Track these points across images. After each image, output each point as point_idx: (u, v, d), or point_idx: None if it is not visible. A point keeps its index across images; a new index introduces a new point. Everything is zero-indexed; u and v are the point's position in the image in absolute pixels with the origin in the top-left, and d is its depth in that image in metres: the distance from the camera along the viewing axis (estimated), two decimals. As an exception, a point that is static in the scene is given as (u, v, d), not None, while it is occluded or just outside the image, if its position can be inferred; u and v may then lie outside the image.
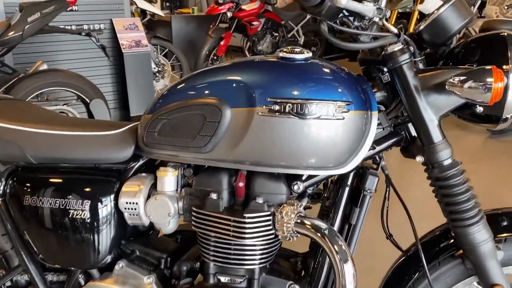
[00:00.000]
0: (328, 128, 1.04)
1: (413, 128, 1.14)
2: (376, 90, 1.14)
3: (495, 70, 0.95)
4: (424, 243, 1.21)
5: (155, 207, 1.17)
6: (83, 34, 3.24)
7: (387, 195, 1.27)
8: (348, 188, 1.18)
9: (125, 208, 1.20)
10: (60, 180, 1.24)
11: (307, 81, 1.05)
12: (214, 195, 1.12)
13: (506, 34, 1.06)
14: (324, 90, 1.04)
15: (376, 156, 1.18)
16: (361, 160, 1.08)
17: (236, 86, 1.08)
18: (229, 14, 6.32)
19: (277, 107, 1.03)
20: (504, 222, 1.15)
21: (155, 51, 4.91)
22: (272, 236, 1.11)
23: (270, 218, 1.09)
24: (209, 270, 1.17)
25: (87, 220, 1.20)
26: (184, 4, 8.70)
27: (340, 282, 1.02)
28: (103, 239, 1.22)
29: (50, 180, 1.24)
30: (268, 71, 1.09)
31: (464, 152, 3.57)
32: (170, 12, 7.87)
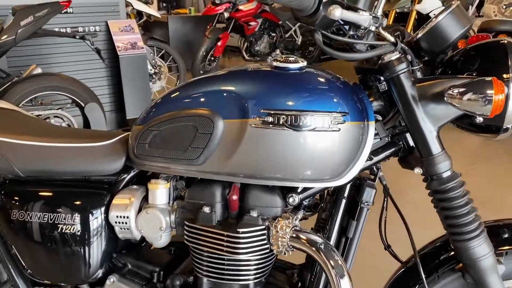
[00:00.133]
0: (324, 140, 1.01)
1: (411, 138, 1.11)
2: (373, 99, 1.11)
3: (496, 82, 0.91)
4: (423, 255, 1.18)
5: (147, 221, 1.14)
6: (77, 37, 3.20)
7: (385, 205, 1.24)
8: (344, 200, 1.15)
9: (115, 222, 1.17)
10: (49, 194, 1.21)
11: (301, 91, 1.02)
12: (207, 209, 1.09)
13: (506, 42, 1.03)
14: (319, 101, 1.01)
15: (374, 166, 1.15)
16: (358, 172, 1.05)
17: (229, 97, 1.05)
18: (226, 14, 6.29)
19: (270, 119, 1.00)
20: (505, 235, 1.12)
21: (151, 52, 4.86)
22: (267, 250, 1.08)
23: (265, 232, 1.06)
24: (202, 285, 1.14)
25: (77, 234, 1.17)
26: (181, 5, 8.66)
27: None
28: (94, 253, 1.19)
29: (39, 193, 1.21)
30: (261, 81, 1.06)
31: (462, 154, 3.54)
32: (167, 12, 7.83)
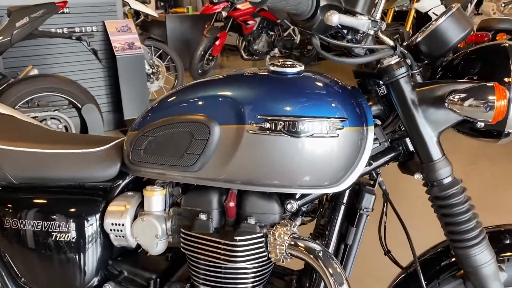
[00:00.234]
0: (322, 146, 0.99)
1: (411, 143, 1.09)
2: (372, 104, 1.09)
3: (498, 87, 0.89)
4: (424, 261, 1.16)
5: (142, 228, 1.12)
6: (74, 38, 3.18)
7: (384, 210, 1.22)
8: (343, 206, 1.13)
9: (110, 229, 1.15)
10: (43, 201, 1.19)
11: (299, 96, 1.00)
12: (203, 216, 1.07)
13: (507, 45, 1.01)
14: (317, 106, 0.99)
15: (373, 172, 1.13)
16: (357, 177, 1.03)
17: (225, 102, 1.03)
18: (224, 13, 6.26)
19: (267, 125, 0.98)
20: (506, 240, 1.10)
21: (149, 52, 4.84)
22: (265, 258, 1.07)
23: (263, 240, 1.04)
24: (199, 293, 1.12)
25: (72, 242, 1.15)
26: (178, 4, 8.62)
27: None
28: (89, 261, 1.17)
29: (32, 200, 1.19)
30: (258, 86, 1.04)
31: (462, 154, 3.53)
32: (165, 11, 7.79)
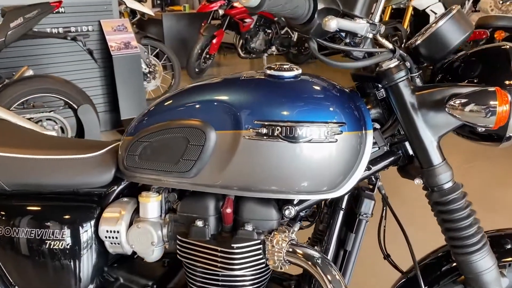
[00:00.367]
0: (320, 151, 0.97)
1: (410, 148, 1.07)
2: (371, 107, 1.07)
3: (499, 92, 0.87)
4: (424, 266, 1.15)
5: (138, 235, 1.10)
6: (69, 38, 3.15)
7: (384, 214, 1.21)
8: (342, 212, 1.11)
9: (105, 236, 1.13)
10: (36, 208, 1.16)
11: (296, 101, 0.98)
12: (200, 222, 1.06)
13: (507, 47, 0.99)
14: (315, 111, 0.97)
15: (372, 176, 1.11)
16: (356, 182, 1.01)
17: (221, 108, 1.01)
18: (221, 11, 6.24)
19: (264, 130, 0.96)
20: (508, 245, 1.09)
21: (145, 51, 4.80)
22: (263, 265, 1.05)
23: (260, 247, 1.03)
24: (196, 300, 1.10)
25: (66, 249, 1.13)
26: (175, 2, 8.59)
27: None
28: (84, 268, 1.15)
29: (26, 208, 1.16)
30: (255, 91, 1.02)
31: (460, 152, 3.51)
32: (161, 10, 7.76)
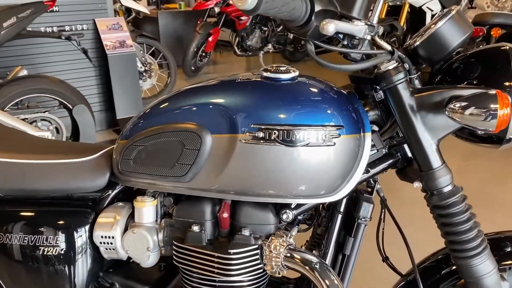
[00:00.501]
0: (318, 155, 0.96)
1: (409, 150, 1.06)
2: (369, 109, 1.06)
3: (500, 95, 0.86)
4: (424, 269, 1.14)
5: (133, 240, 1.09)
6: (63, 38, 3.11)
7: (382, 217, 1.20)
8: (341, 216, 1.10)
9: (100, 242, 1.11)
10: (30, 213, 1.14)
11: (293, 104, 0.96)
12: (196, 228, 1.04)
13: (507, 48, 0.98)
14: (312, 114, 0.96)
15: (371, 179, 1.10)
16: (354, 185, 1.00)
17: (217, 111, 0.99)
18: (216, 9, 6.20)
19: (261, 134, 0.95)
20: (507, 248, 1.08)
21: (141, 50, 4.77)
22: (261, 270, 1.03)
23: (258, 252, 1.01)
24: (193, 306, 1.09)
25: (60, 255, 1.11)
26: (170, -1, 8.53)
27: None
28: (79, 274, 1.13)
29: (19, 213, 1.14)
30: (251, 93, 1.00)
31: (458, 150, 3.50)
32: (157, 7, 7.71)
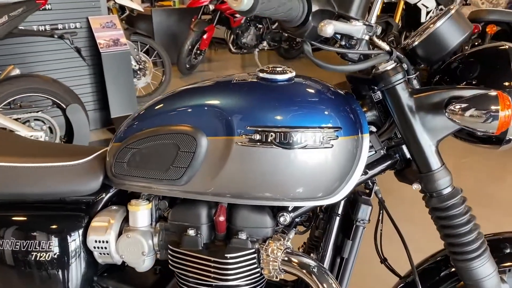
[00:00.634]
0: (316, 157, 0.94)
1: (408, 152, 1.05)
2: (366, 110, 1.05)
3: (501, 96, 0.84)
4: (423, 271, 1.13)
5: (128, 245, 1.07)
6: (56, 36, 3.07)
7: (380, 218, 1.18)
8: (338, 218, 1.08)
9: (94, 247, 1.09)
10: (22, 218, 1.12)
11: (290, 105, 0.95)
12: (192, 231, 1.02)
13: (507, 47, 0.97)
14: (309, 116, 0.94)
15: (369, 181, 1.09)
16: (352, 188, 0.98)
17: (212, 113, 0.97)
18: (211, 6, 6.17)
19: (258, 137, 0.93)
20: (507, 249, 1.07)
21: (135, 48, 4.73)
22: (258, 274, 1.02)
23: (255, 256, 1.00)
24: (189, 311, 1.07)
25: (53, 260, 1.09)
26: (165, -4, 8.48)
27: None
28: (72, 279, 1.11)
29: (10, 218, 1.12)
30: (247, 95, 0.98)
31: (453, 147, 3.50)
32: (151, 5, 7.66)
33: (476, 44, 3.77)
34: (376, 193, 1.12)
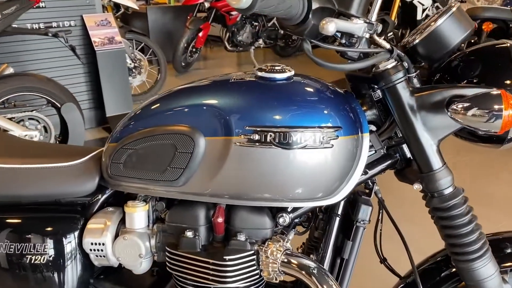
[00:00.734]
0: (315, 158, 0.93)
1: (408, 149, 1.03)
2: (366, 108, 1.03)
3: (505, 95, 0.83)
4: (423, 271, 1.12)
5: (124, 247, 1.05)
6: (50, 34, 3.04)
7: (380, 218, 1.17)
8: (338, 218, 1.07)
9: (90, 249, 1.07)
10: (16, 220, 1.10)
11: (289, 105, 0.93)
12: (190, 233, 1.00)
13: (508, 45, 0.95)
14: (309, 115, 0.92)
15: (369, 180, 1.07)
16: (352, 188, 0.97)
17: (210, 112, 0.96)
18: (206, 4, 6.14)
19: (257, 137, 0.91)
20: (507, 249, 1.06)
21: (130, 46, 4.69)
22: (257, 276, 1.00)
23: (254, 257, 0.98)
24: (187, 314, 1.05)
25: (49, 263, 1.07)
26: (160, -6, 8.43)
27: None
28: (68, 282, 1.09)
29: (4, 220, 1.09)
30: (245, 94, 0.97)
31: (449, 144, 3.50)
32: (146, 3, 7.61)
33: (472, 41, 3.76)
34: (376, 193, 1.10)
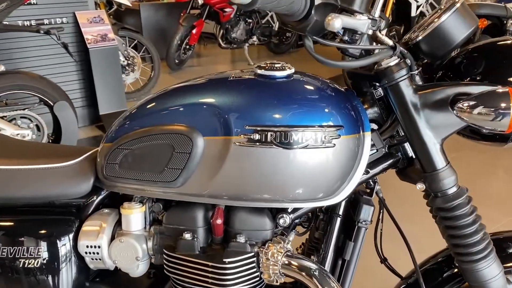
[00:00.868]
0: (317, 157, 0.91)
1: (410, 148, 1.02)
2: (367, 107, 1.01)
3: (512, 93, 0.82)
4: (425, 271, 1.10)
5: (121, 250, 1.03)
6: (42, 32, 2.99)
7: (381, 217, 1.15)
8: (340, 219, 1.05)
9: (85, 252, 1.05)
10: (9, 223, 1.07)
11: (290, 103, 0.91)
12: (188, 235, 0.98)
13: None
14: (310, 114, 0.90)
15: (370, 180, 1.05)
16: (354, 188, 0.95)
17: (208, 111, 0.93)
18: (200, 1, 6.09)
19: (257, 136, 0.89)
20: (510, 249, 1.04)
21: (123, 43, 4.64)
22: (257, 278, 0.98)
23: (254, 259, 0.96)
24: (186, 318, 1.03)
25: (43, 267, 1.05)
26: (153, -9, 8.36)
27: None
28: (63, 286, 1.07)
29: (-3, 223, 1.07)
30: (245, 93, 0.94)
31: (446, 141, 3.49)
32: (139, -1, 7.55)
33: (474, 39, 3.75)
34: (377, 192, 1.09)
